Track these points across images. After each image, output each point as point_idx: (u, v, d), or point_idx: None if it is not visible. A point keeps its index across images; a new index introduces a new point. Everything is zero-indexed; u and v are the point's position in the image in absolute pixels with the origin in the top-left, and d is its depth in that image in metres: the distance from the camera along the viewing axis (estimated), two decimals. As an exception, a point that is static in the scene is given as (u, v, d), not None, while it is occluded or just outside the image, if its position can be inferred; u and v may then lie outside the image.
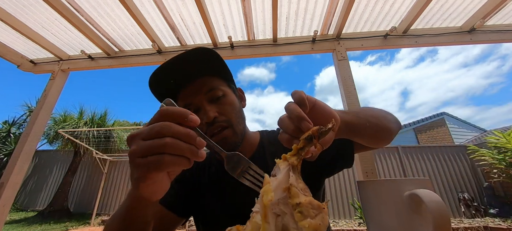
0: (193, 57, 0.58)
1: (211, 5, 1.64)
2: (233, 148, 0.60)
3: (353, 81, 1.69)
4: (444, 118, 11.44)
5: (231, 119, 0.59)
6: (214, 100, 0.59)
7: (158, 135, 0.28)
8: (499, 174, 5.68)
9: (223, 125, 0.57)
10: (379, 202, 0.35)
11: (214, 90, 0.59)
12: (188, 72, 0.59)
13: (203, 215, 0.68)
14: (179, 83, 0.60)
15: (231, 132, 0.58)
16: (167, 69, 0.58)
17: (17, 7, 1.64)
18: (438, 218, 0.26)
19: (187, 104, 0.59)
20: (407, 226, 0.31)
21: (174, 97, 0.62)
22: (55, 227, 5.93)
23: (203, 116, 0.56)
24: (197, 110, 0.58)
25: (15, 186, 1.64)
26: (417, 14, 1.64)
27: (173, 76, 0.59)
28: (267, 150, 0.68)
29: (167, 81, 0.59)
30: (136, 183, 0.30)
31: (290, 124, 0.36)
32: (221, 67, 0.63)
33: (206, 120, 0.55)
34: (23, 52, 2.05)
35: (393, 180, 0.34)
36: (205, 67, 0.60)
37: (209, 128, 0.56)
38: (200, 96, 0.59)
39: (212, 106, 0.58)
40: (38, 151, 8.64)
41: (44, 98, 1.86)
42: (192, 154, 0.30)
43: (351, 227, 5.23)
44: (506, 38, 1.78)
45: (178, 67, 0.58)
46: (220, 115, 0.57)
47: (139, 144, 0.29)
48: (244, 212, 0.61)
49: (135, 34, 1.90)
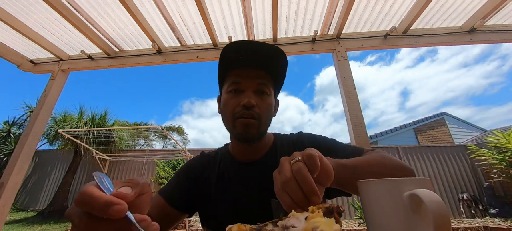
0: (269, 51, 0.62)
1: (211, 5, 1.64)
2: (250, 139, 0.64)
3: (353, 81, 1.69)
4: (444, 118, 11.43)
5: (262, 116, 0.62)
6: (259, 92, 0.63)
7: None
8: (499, 174, 5.68)
9: (254, 115, 0.61)
10: (379, 202, 0.35)
11: (264, 85, 0.64)
12: (256, 59, 0.63)
13: (207, 210, 0.68)
14: (245, 62, 0.63)
15: (256, 125, 0.61)
16: (244, 45, 0.62)
17: (17, 7, 1.64)
18: (438, 218, 0.26)
19: (236, 81, 0.63)
20: (407, 226, 0.31)
21: (232, 68, 0.66)
22: (55, 227, 5.93)
23: (244, 98, 0.60)
24: (241, 91, 0.63)
25: (15, 186, 1.64)
26: (417, 14, 1.64)
27: (243, 53, 0.62)
28: (279, 153, 0.70)
29: (237, 54, 0.63)
30: None
31: (298, 191, 0.34)
32: (281, 75, 0.68)
33: (246, 103, 0.59)
34: (23, 52, 2.05)
35: (393, 180, 0.34)
36: (271, 65, 0.64)
37: (243, 109, 0.60)
38: (252, 82, 0.63)
39: (255, 96, 0.62)
40: (38, 151, 8.64)
41: (44, 98, 1.86)
42: None
43: (351, 227, 5.23)
44: (506, 38, 1.78)
45: (253, 49, 0.62)
46: (256, 106, 0.61)
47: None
48: (249, 209, 0.62)
49: (135, 34, 1.90)
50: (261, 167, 0.67)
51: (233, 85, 0.63)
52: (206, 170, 0.72)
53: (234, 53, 0.63)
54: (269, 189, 0.61)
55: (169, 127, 23.06)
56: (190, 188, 0.69)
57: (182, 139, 22.57)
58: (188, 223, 6.03)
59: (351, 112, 1.59)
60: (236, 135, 0.64)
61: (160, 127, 5.79)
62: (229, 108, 0.63)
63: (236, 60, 0.64)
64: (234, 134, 0.65)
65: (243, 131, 0.61)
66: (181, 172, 0.73)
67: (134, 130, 9.23)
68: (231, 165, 0.71)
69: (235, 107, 0.62)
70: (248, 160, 0.69)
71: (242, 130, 0.61)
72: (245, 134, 0.61)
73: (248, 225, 0.42)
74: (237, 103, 0.61)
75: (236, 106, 0.61)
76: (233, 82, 0.64)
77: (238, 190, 0.65)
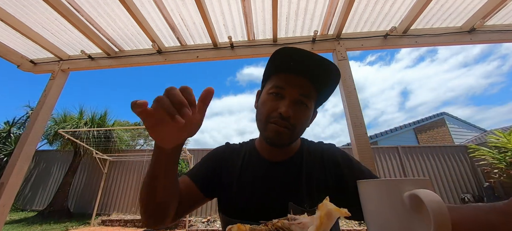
0: (322, 62, 0.60)
1: (211, 5, 1.64)
2: (279, 145, 0.64)
3: (353, 81, 1.69)
4: (444, 118, 11.43)
5: (297, 127, 0.62)
6: (299, 103, 0.62)
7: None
8: (499, 174, 5.68)
9: (288, 126, 0.60)
10: (379, 202, 0.35)
11: (306, 97, 0.62)
12: (306, 69, 0.61)
13: (226, 199, 0.68)
14: (294, 68, 0.62)
15: (288, 135, 0.61)
16: (297, 53, 0.60)
17: (17, 7, 1.64)
18: (438, 218, 0.26)
19: (278, 86, 0.63)
20: (407, 226, 0.31)
21: (278, 71, 0.65)
22: (55, 227, 5.92)
23: (282, 106, 0.59)
24: (282, 97, 0.62)
25: (15, 186, 1.64)
26: (417, 14, 1.64)
27: (295, 59, 0.61)
28: (305, 158, 0.70)
29: (288, 59, 0.62)
30: (149, 131, 0.41)
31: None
32: (327, 92, 0.67)
33: (283, 112, 0.58)
34: (23, 52, 2.05)
35: (393, 180, 0.34)
36: (319, 79, 0.63)
37: (278, 117, 0.60)
38: (295, 91, 0.61)
39: (294, 107, 0.61)
40: (38, 151, 8.64)
41: (44, 98, 1.86)
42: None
43: (351, 227, 5.23)
44: (506, 38, 1.78)
45: (305, 57, 0.60)
46: (293, 118, 0.60)
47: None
48: (266, 207, 0.62)
49: (135, 34, 1.90)
50: (284, 168, 0.68)
51: (275, 89, 0.63)
52: (231, 160, 0.73)
53: (286, 57, 0.62)
54: (289, 191, 0.63)
55: (169, 127, 22.99)
56: (216, 175, 0.70)
57: (182, 139, 22.53)
58: (188, 223, 6.03)
59: (351, 112, 1.59)
60: (265, 137, 0.64)
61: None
62: (265, 110, 0.63)
63: (286, 65, 0.62)
64: (264, 136, 0.65)
65: (274, 137, 0.61)
66: (208, 159, 0.75)
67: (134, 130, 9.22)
68: (255, 160, 0.71)
69: (271, 111, 0.62)
70: (273, 159, 0.69)
71: (273, 135, 0.61)
72: (276, 140, 0.61)
73: (248, 225, 0.43)
74: (275, 108, 0.61)
75: (273, 110, 0.61)
76: (275, 85, 0.63)
77: (259, 186, 0.65)
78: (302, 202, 0.60)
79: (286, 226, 0.40)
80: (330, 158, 0.69)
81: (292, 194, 0.62)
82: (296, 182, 0.64)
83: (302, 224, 0.39)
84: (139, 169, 7.73)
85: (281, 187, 0.64)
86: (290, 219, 0.41)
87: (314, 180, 0.64)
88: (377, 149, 7.40)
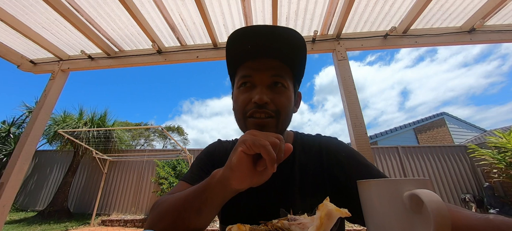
0: (282, 35, 0.53)
1: (211, 5, 1.64)
2: None
3: (353, 81, 1.69)
4: (444, 118, 11.43)
5: (280, 112, 0.55)
6: (274, 85, 0.55)
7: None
8: (499, 174, 5.68)
9: (270, 114, 0.53)
10: (378, 202, 0.35)
11: (279, 77, 0.55)
12: (268, 46, 0.54)
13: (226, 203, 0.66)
14: (255, 52, 0.55)
15: (274, 124, 0.54)
16: (250, 32, 0.54)
17: (17, 7, 1.64)
18: (438, 218, 0.26)
19: (246, 75, 0.56)
20: (407, 227, 0.31)
21: (241, 62, 0.58)
22: (55, 227, 5.92)
23: (255, 95, 0.53)
24: (253, 86, 0.55)
25: (15, 186, 1.64)
26: (417, 14, 1.64)
27: (252, 41, 0.54)
28: (298, 158, 0.63)
29: (245, 45, 0.55)
30: (230, 165, 0.40)
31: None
32: (298, 63, 0.58)
33: (257, 100, 0.52)
34: (23, 52, 2.05)
35: (393, 180, 0.34)
36: (285, 52, 0.55)
37: (255, 108, 0.53)
38: (264, 75, 0.55)
39: (269, 91, 0.54)
40: (38, 151, 8.64)
41: (44, 98, 1.86)
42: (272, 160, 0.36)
43: (351, 227, 5.23)
44: (506, 38, 1.78)
45: (261, 35, 0.54)
46: (271, 103, 0.53)
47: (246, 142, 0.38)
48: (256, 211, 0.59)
49: (135, 34, 1.90)
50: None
51: (243, 79, 0.56)
52: (224, 157, 0.69)
53: (240, 43, 0.55)
54: (280, 194, 0.58)
55: (169, 127, 23.07)
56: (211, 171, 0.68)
57: (182, 139, 22.58)
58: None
59: (351, 112, 1.59)
60: None
61: (160, 127, 5.79)
62: (240, 106, 0.56)
63: (244, 52, 0.55)
64: None
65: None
66: (203, 157, 0.70)
67: (134, 130, 9.22)
68: None
69: (246, 104, 0.55)
70: None
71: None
72: None
73: (248, 225, 0.43)
74: (248, 100, 0.54)
75: (247, 103, 0.55)
76: (242, 76, 0.56)
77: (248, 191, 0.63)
78: (295, 207, 0.55)
79: (286, 226, 0.40)
80: (331, 156, 0.61)
81: (283, 198, 0.58)
82: (287, 184, 0.59)
83: (302, 224, 0.39)
84: (139, 169, 7.72)
85: (272, 190, 0.59)
86: (290, 219, 0.41)
87: (308, 181, 0.59)
88: (377, 149, 7.40)
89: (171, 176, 6.56)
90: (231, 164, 0.39)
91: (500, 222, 0.32)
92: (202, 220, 0.45)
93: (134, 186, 7.53)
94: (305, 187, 0.58)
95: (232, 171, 0.39)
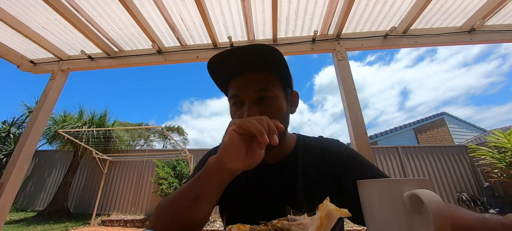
0: (253, 51, 0.55)
1: (211, 5, 1.64)
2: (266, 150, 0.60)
3: (353, 81, 1.69)
4: (444, 118, 11.43)
5: None
6: (261, 99, 0.56)
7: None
8: (499, 174, 5.68)
9: None
10: (378, 202, 0.35)
11: (264, 91, 0.56)
12: (245, 64, 0.56)
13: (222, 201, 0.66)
14: (234, 72, 0.58)
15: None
16: (225, 56, 0.56)
17: (17, 7, 1.64)
18: (438, 218, 0.26)
19: (235, 94, 0.58)
20: (407, 226, 0.31)
21: (228, 81, 0.61)
22: (55, 227, 5.92)
23: (244, 112, 0.55)
24: (242, 103, 0.57)
25: (15, 186, 1.64)
26: (417, 14, 1.64)
27: (229, 64, 0.57)
28: (300, 160, 0.64)
29: (223, 68, 0.58)
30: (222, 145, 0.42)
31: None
32: (281, 67, 0.59)
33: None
34: (23, 52, 2.05)
35: (393, 180, 0.34)
36: (264, 63, 0.56)
37: None
38: (250, 91, 0.56)
39: (256, 107, 0.56)
40: (38, 151, 8.64)
41: (44, 98, 1.86)
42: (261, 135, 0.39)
43: (351, 227, 5.23)
44: (506, 38, 1.78)
45: (236, 56, 0.56)
46: None
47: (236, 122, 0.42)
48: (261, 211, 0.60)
49: (135, 34, 1.90)
50: (279, 170, 0.63)
51: (233, 98, 0.59)
52: None
53: (220, 67, 0.58)
54: (285, 195, 0.60)
55: (169, 127, 23.06)
56: None
57: (182, 139, 22.57)
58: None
59: (351, 112, 1.59)
60: None
61: (160, 127, 5.79)
62: None
63: (226, 72, 0.58)
64: None
65: None
66: (204, 160, 0.71)
67: (134, 130, 9.22)
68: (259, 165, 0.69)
69: None
70: (267, 161, 0.65)
71: None
72: None
73: (248, 225, 0.43)
74: (241, 117, 0.56)
75: None
76: (232, 95, 0.59)
77: (254, 191, 0.63)
78: (299, 206, 0.57)
79: (286, 226, 0.40)
80: (333, 157, 0.63)
81: (288, 198, 0.59)
82: (292, 185, 0.61)
83: (302, 224, 0.39)
84: (139, 169, 7.72)
85: (277, 191, 0.61)
86: (290, 220, 0.42)
87: (311, 181, 0.61)
88: (377, 149, 7.40)
89: (170, 176, 6.56)
90: (223, 144, 0.42)
91: (497, 221, 0.34)
92: (201, 210, 0.45)
93: (134, 186, 7.53)
94: (308, 187, 0.60)
95: (225, 149, 0.41)
